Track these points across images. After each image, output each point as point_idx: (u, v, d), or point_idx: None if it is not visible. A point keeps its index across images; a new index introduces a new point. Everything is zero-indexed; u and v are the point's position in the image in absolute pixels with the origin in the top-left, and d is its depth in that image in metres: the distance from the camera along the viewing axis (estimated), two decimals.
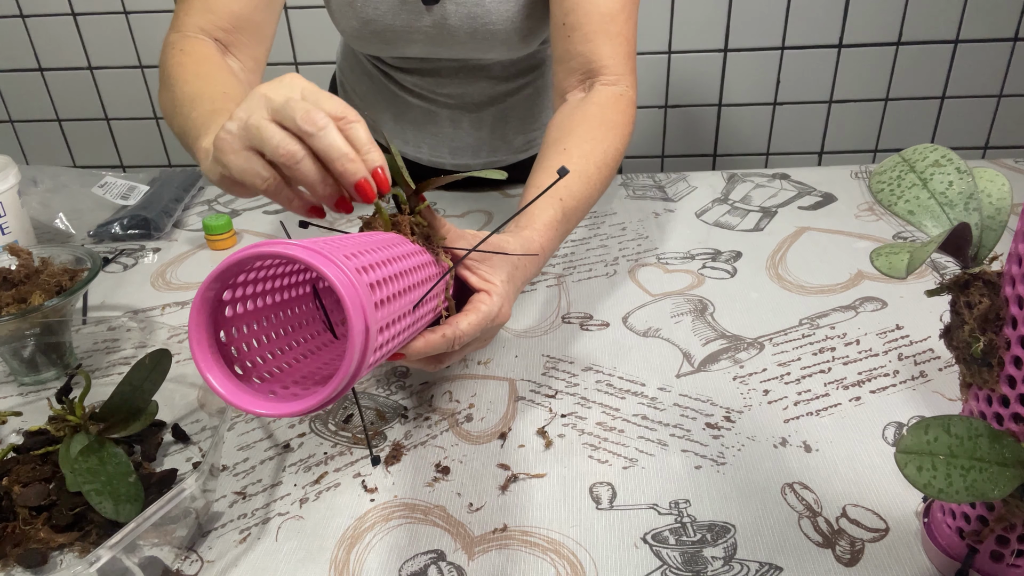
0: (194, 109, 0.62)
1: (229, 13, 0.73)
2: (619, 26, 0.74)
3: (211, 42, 0.73)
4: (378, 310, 0.40)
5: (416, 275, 0.48)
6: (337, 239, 0.43)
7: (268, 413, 0.38)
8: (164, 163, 1.90)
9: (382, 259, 0.43)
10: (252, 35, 0.74)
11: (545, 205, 0.64)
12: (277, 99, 0.48)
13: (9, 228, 0.81)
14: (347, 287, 0.37)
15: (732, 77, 1.70)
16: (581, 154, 0.68)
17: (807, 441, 0.58)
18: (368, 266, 0.41)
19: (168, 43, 0.72)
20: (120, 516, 0.48)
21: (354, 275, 0.38)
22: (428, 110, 0.97)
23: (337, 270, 0.37)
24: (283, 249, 0.37)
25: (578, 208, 0.67)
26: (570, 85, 0.76)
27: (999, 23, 1.63)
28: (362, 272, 0.40)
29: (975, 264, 0.41)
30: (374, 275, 0.41)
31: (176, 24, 0.74)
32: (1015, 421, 0.40)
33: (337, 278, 0.37)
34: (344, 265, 0.38)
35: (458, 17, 0.83)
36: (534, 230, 0.62)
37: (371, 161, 0.49)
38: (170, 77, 0.68)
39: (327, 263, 0.37)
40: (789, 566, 0.48)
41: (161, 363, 0.55)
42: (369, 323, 0.38)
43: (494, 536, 0.51)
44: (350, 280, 0.38)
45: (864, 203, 0.95)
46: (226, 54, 0.74)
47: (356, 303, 0.37)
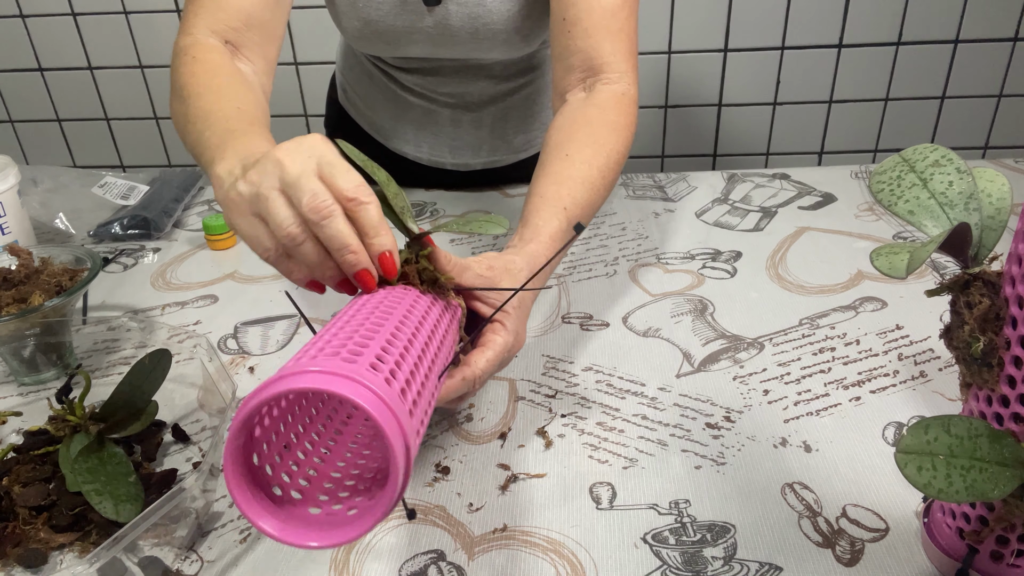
0: (207, 128, 0.60)
1: (240, 12, 0.71)
2: (621, 22, 0.72)
3: (222, 46, 0.71)
4: (413, 416, 0.38)
5: (435, 336, 0.47)
6: (347, 324, 0.42)
7: (322, 545, 0.37)
8: (164, 163, 1.90)
9: (403, 343, 0.42)
10: (263, 33, 0.73)
11: (550, 216, 0.62)
12: (291, 172, 0.47)
13: (9, 228, 0.81)
14: (385, 418, 0.35)
15: (732, 77, 1.70)
16: (583, 159, 0.67)
17: (807, 441, 0.58)
18: (394, 365, 0.39)
19: (179, 49, 0.71)
20: (120, 516, 0.48)
21: (385, 393, 0.36)
22: (428, 109, 0.97)
23: (371, 396, 0.35)
24: (310, 384, 0.35)
25: (583, 216, 0.66)
26: (570, 84, 0.74)
27: (999, 23, 1.63)
28: (391, 380, 0.38)
29: (975, 264, 0.41)
30: (401, 374, 0.39)
31: (186, 27, 0.72)
32: (1015, 421, 0.40)
33: (375, 409, 0.35)
34: (376, 387, 0.36)
35: (459, 17, 0.83)
36: (539, 243, 0.61)
37: (378, 246, 0.48)
38: (183, 88, 0.67)
39: (359, 391, 0.35)
40: (789, 566, 0.48)
41: (161, 363, 0.55)
42: (409, 442, 0.37)
43: (494, 536, 0.51)
44: (387, 408, 0.36)
45: (864, 203, 0.95)
46: (237, 57, 0.72)
47: (396, 432, 0.36)
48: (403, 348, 0.41)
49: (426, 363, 0.43)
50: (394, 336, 0.42)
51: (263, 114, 0.65)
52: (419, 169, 1.04)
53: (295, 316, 0.77)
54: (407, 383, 0.39)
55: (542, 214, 0.63)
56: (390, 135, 1.03)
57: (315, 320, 0.76)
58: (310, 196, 0.46)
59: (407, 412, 0.38)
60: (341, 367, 0.36)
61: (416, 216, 0.97)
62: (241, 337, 0.75)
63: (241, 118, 0.60)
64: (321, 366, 0.36)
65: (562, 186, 0.65)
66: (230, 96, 0.64)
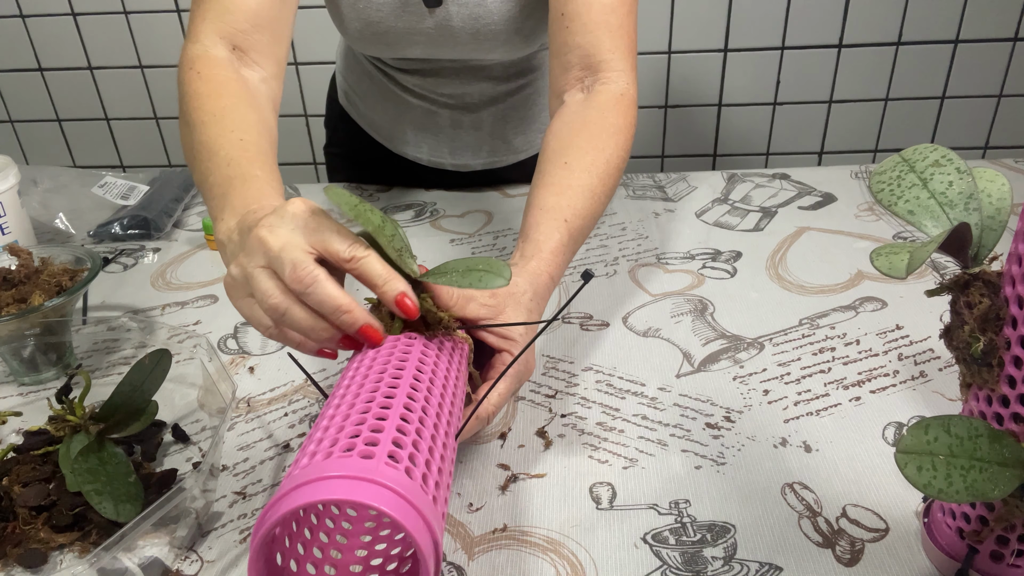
0: (210, 171, 0.59)
1: (247, 13, 0.69)
2: (620, 18, 0.71)
3: (229, 56, 0.69)
4: (436, 503, 0.38)
5: (447, 392, 0.46)
6: (357, 397, 0.41)
7: None
8: (164, 163, 1.90)
9: (418, 414, 0.41)
10: (271, 34, 0.72)
11: (551, 229, 0.61)
12: (273, 247, 0.47)
13: (9, 228, 0.81)
14: (412, 522, 0.35)
15: (732, 77, 1.70)
16: (583, 167, 0.65)
17: (807, 441, 0.58)
18: (413, 448, 0.38)
19: (186, 59, 0.68)
20: (120, 516, 0.48)
21: (407, 489, 0.35)
22: (428, 110, 0.97)
23: (392, 499, 0.35)
24: (332, 495, 0.34)
25: (584, 226, 0.64)
26: (568, 83, 0.72)
27: (999, 23, 1.63)
28: (412, 469, 0.37)
29: (975, 264, 0.41)
30: (421, 456, 0.38)
31: (193, 34, 0.69)
32: (1015, 421, 0.40)
33: (399, 513, 0.34)
34: (397, 486, 0.35)
35: (460, 18, 0.82)
36: (541, 260, 0.60)
37: (391, 291, 0.47)
38: (188, 112, 0.65)
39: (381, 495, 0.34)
40: (789, 566, 0.48)
41: (161, 363, 0.55)
42: (436, 536, 0.36)
43: (494, 536, 0.51)
44: (411, 507, 0.35)
45: (864, 203, 0.95)
46: (245, 62, 0.70)
47: (423, 531, 0.35)
48: (418, 423, 0.40)
49: (442, 431, 0.43)
50: (408, 410, 0.41)
51: (268, 140, 0.63)
52: (419, 169, 1.04)
53: None
54: (427, 465, 0.39)
55: (542, 228, 0.61)
56: (390, 136, 1.03)
57: None
58: (291, 267, 0.46)
59: (431, 501, 0.37)
60: (361, 468, 0.35)
61: (416, 216, 0.97)
62: (241, 337, 0.75)
63: (243, 155, 0.59)
64: (340, 469, 0.35)
65: (562, 196, 0.63)
66: (233, 125, 0.62)
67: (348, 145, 1.10)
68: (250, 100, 0.66)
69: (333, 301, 0.46)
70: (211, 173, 0.59)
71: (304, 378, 0.68)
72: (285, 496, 0.35)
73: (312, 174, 1.87)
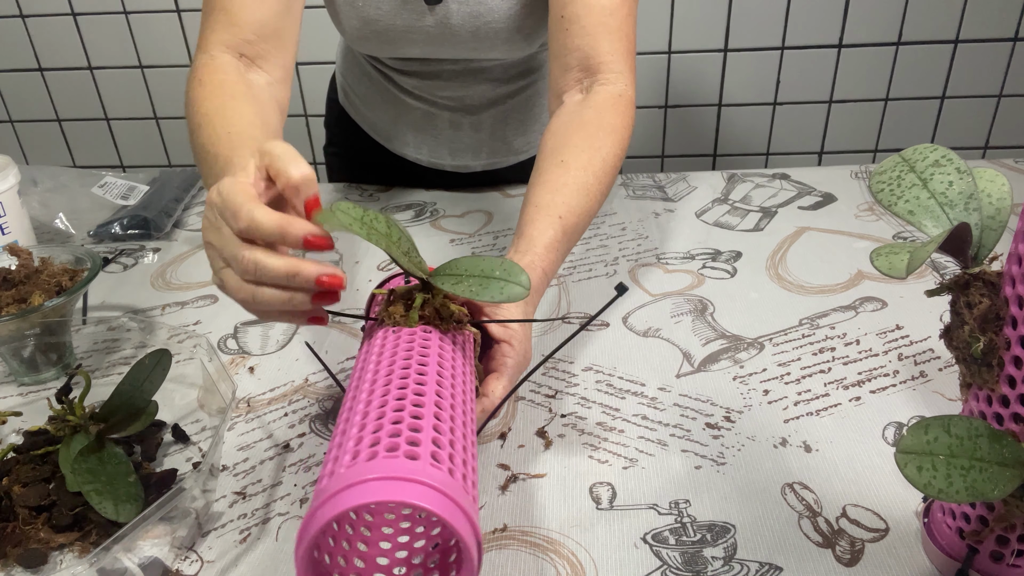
0: (209, 174, 0.60)
1: (253, 24, 0.71)
2: (619, 21, 0.72)
3: (235, 62, 0.70)
4: (475, 500, 0.38)
5: (466, 389, 0.46)
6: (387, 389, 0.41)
7: None
8: (164, 163, 1.90)
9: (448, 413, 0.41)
10: (277, 42, 0.73)
11: (544, 226, 0.62)
12: (215, 245, 0.48)
13: (9, 228, 0.81)
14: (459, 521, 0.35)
15: (732, 77, 1.70)
16: (579, 165, 0.66)
17: (807, 441, 0.58)
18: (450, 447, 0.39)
19: (191, 70, 0.70)
20: (120, 516, 0.48)
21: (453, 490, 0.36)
22: (428, 112, 0.97)
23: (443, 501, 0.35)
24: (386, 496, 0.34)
25: (579, 224, 0.65)
26: (567, 84, 0.73)
27: (999, 23, 1.63)
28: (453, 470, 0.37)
29: (975, 264, 0.41)
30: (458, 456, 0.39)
31: (202, 44, 0.71)
32: (1015, 421, 0.40)
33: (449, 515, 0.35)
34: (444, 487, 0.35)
35: (460, 16, 0.82)
36: (535, 255, 0.60)
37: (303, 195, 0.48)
38: (189, 118, 0.66)
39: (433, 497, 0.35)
40: (789, 566, 0.48)
41: (161, 363, 0.55)
42: (479, 535, 0.37)
43: (494, 536, 0.51)
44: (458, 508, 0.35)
45: (864, 203, 0.95)
46: (252, 69, 0.72)
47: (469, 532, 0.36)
48: (450, 421, 0.41)
49: (470, 429, 0.43)
50: (439, 407, 0.41)
51: (259, 128, 0.63)
52: (419, 170, 1.04)
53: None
54: (464, 464, 0.39)
55: (537, 224, 0.62)
56: (390, 136, 1.03)
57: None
58: (235, 264, 0.47)
59: (472, 500, 0.37)
60: (409, 469, 0.35)
61: (416, 216, 0.97)
62: (241, 337, 0.75)
63: (230, 147, 0.59)
64: (389, 470, 0.35)
65: (557, 194, 0.64)
66: (222, 121, 0.62)
67: (348, 145, 1.10)
68: (245, 95, 0.67)
69: (281, 270, 0.46)
70: (209, 176, 0.60)
71: (304, 378, 0.68)
72: (336, 495, 0.35)
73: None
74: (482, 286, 0.47)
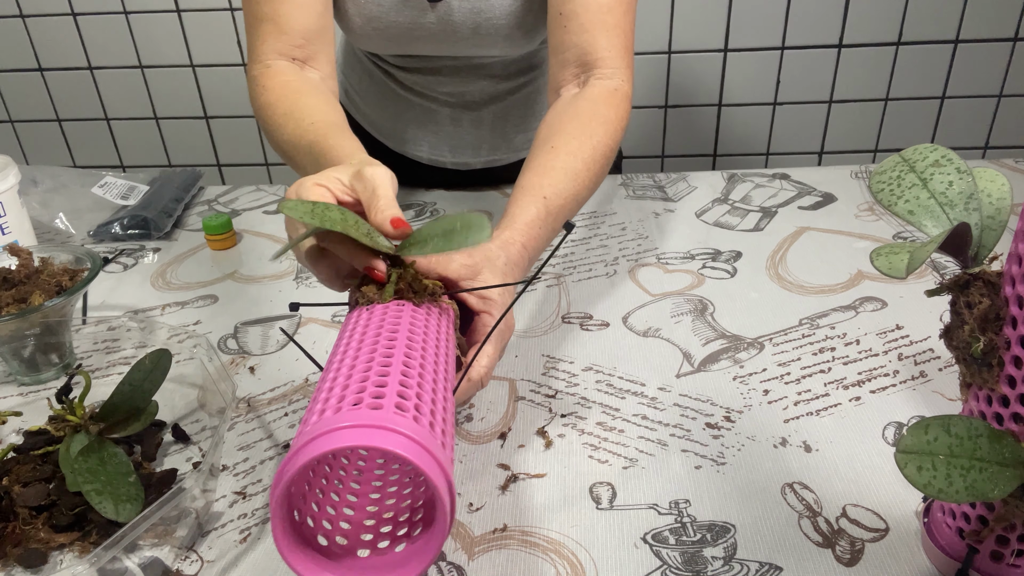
0: (299, 164, 0.67)
1: (300, 29, 0.74)
2: (617, 17, 0.73)
3: (289, 66, 0.74)
4: (446, 447, 0.39)
5: (440, 353, 0.47)
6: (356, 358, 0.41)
7: None
8: (164, 163, 1.90)
9: (416, 371, 0.42)
10: (322, 42, 0.76)
11: (527, 203, 0.63)
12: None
13: (9, 228, 0.81)
14: (426, 462, 0.36)
15: (732, 77, 1.70)
16: (569, 151, 0.67)
17: (807, 441, 0.58)
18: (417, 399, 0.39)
19: (251, 79, 0.75)
20: (120, 516, 0.48)
21: (418, 434, 0.36)
22: (428, 108, 0.97)
23: (408, 443, 0.36)
24: (349, 442, 0.35)
25: (565, 206, 0.66)
26: (565, 79, 0.75)
27: (999, 23, 1.63)
28: (419, 417, 0.38)
29: (975, 264, 0.41)
30: (425, 406, 0.39)
31: (253, 55, 0.75)
32: (1015, 421, 0.40)
33: (414, 455, 0.35)
34: (409, 431, 0.36)
35: (462, 13, 0.83)
36: (514, 230, 0.61)
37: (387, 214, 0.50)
38: (265, 123, 0.71)
39: (397, 440, 0.35)
40: (789, 566, 0.48)
41: (161, 363, 0.55)
42: (450, 477, 0.37)
43: (494, 536, 0.51)
44: (424, 450, 0.36)
45: (864, 203, 0.95)
46: (306, 68, 0.76)
47: (438, 473, 0.36)
48: (418, 377, 0.41)
49: (440, 385, 0.44)
50: (407, 367, 0.41)
51: (335, 112, 0.69)
52: (419, 168, 1.04)
53: (295, 316, 0.77)
54: (432, 414, 0.39)
55: (520, 203, 0.63)
56: (390, 134, 1.03)
57: (317, 321, 0.76)
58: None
59: (441, 446, 0.38)
60: (372, 417, 0.36)
61: (416, 216, 0.97)
62: (241, 337, 0.75)
63: (318, 134, 0.64)
64: (353, 419, 0.36)
65: (544, 176, 0.65)
66: (303, 114, 0.68)
67: None
68: (312, 89, 0.72)
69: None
70: (304, 164, 0.66)
71: (304, 378, 0.68)
72: (302, 448, 0.36)
73: None
74: (447, 240, 0.48)
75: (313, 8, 0.75)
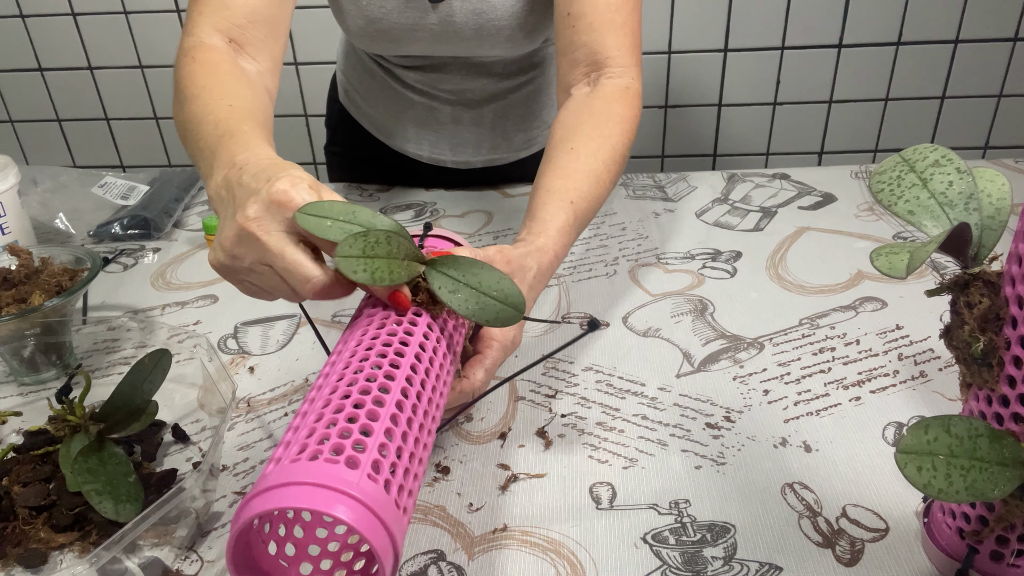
0: (200, 136, 0.59)
1: (244, 8, 0.70)
2: (624, 16, 0.73)
3: (225, 46, 0.69)
4: (406, 513, 0.39)
5: (440, 381, 0.46)
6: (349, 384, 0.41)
7: None
8: (164, 163, 1.90)
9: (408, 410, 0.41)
10: (268, 31, 0.72)
11: (556, 209, 0.63)
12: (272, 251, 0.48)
13: (9, 228, 0.81)
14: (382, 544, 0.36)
15: (732, 77, 1.70)
16: (589, 152, 0.67)
17: (807, 441, 0.58)
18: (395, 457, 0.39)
19: (181, 51, 0.69)
20: (120, 516, 0.48)
21: (374, 500, 0.36)
22: (429, 106, 0.98)
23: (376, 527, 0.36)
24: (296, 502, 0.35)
25: (589, 209, 0.66)
26: (575, 79, 0.75)
27: (999, 23, 1.63)
28: (391, 481, 0.38)
29: (975, 264, 0.41)
30: (401, 465, 0.39)
31: (189, 28, 0.70)
32: (1015, 421, 0.40)
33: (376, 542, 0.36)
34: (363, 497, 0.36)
35: (463, 14, 0.83)
36: (548, 237, 0.61)
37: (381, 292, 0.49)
38: (180, 91, 0.65)
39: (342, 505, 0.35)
40: (789, 566, 0.48)
41: (161, 363, 0.55)
42: (398, 547, 0.37)
43: (494, 536, 0.51)
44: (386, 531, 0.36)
45: (864, 203, 0.95)
46: (241, 55, 0.71)
47: (389, 553, 0.36)
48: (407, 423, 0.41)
49: (428, 427, 0.44)
50: (399, 408, 0.41)
51: (260, 109, 0.63)
52: (419, 168, 1.04)
53: (295, 316, 0.77)
54: (404, 474, 0.39)
55: (549, 208, 0.63)
56: (391, 133, 1.03)
57: (317, 320, 0.76)
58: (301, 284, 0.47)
59: (400, 513, 0.38)
60: (324, 475, 0.36)
61: (416, 216, 0.97)
62: (241, 337, 0.75)
63: (231, 116, 0.59)
64: (305, 475, 0.36)
65: (568, 180, 0.65)
66: (223, 94, 0.62)
67: (349, 144, 1.10)
68: (243, 77, 0.67)
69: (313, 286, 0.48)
70: (200, 139, 0.59)
71: (304, 378, 0.68)
72: (252, 499, 0.36)
73: (312, 174, 1.86)
74: (478, 304, 0.47)
75: None
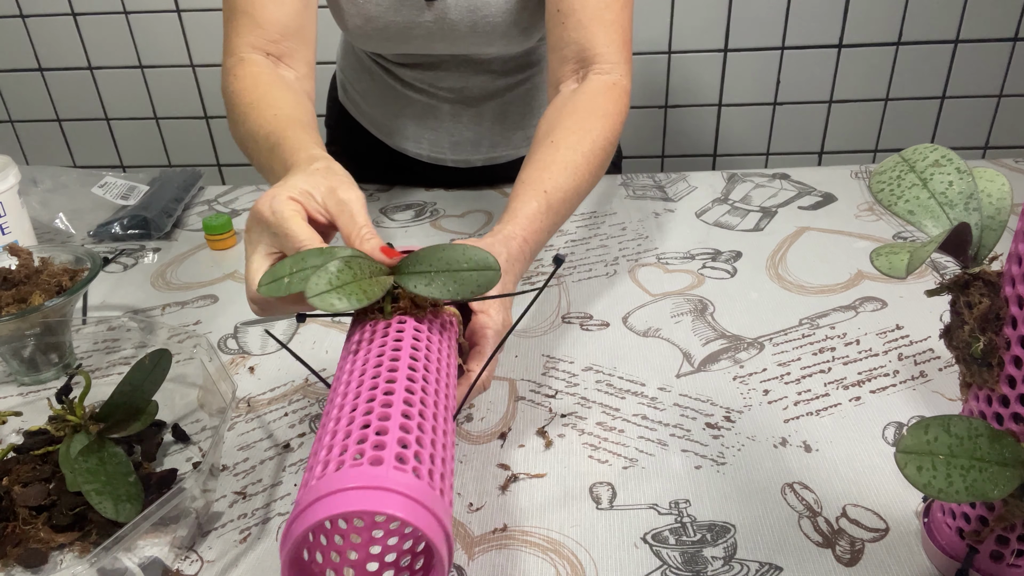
0: (258, 151, 0.65)
1: (276, 24, 0.74)
2: (615, 13, 0.73)
3: (263, 60, 0.74)
4: (444, 495, 0.39)
5: (442, 378, 0.46)
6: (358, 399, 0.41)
7: None
8: (164, 163, 1.90)
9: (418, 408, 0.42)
10: (300, 40, 0.76)
11: (528, 198, 0.63)
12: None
13: (9, 228, 0.81)
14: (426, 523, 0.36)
15: (732, 77, 1.70)
16: (568, 145, 0.67)
17: (807, 441, 0.58)
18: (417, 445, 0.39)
19: (224, 70, 0.74)
20: (120, 516, 0.48)
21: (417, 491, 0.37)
22: (428, 104, 0.98)
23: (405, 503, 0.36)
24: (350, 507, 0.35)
25: (566, 200, 0.66)
26: (564, 75, 0.75)
27: (999, 23, 1.63)
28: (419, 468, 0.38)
29: (975, 264, 0.41)
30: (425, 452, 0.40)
31: (228, 48, 0.75)
32: (1015, 421, 0.40)
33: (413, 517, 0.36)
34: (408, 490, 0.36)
35: (458, 11, 0.83)
36: (516, 224, 0.61)
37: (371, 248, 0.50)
38: (231, 111, 0.71)
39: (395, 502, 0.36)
40: (789, 566, 0.48)
41: (161, 363, 0.55)
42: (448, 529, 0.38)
43: (494, 536, 0.51)
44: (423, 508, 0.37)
45: (864, 203, 0.95)
46: (280, 66, 0.75)
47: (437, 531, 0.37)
48: (419, 418, 0.41)
49: (441, 416, 0.44)
50: (408, 404, 0.41)
51: (302, 111, 0.68)
52: (419, 167, 1.04)
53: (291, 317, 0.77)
54: (431, 459, 0.40)
55: (521, 197, 0.63)
56: (390, 132, 1.03)
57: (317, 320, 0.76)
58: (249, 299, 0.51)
59: (439, 496, 0.38)
60: (373, 477, 0.36)
61: (416, 216, 0.97)
62: (241, 337, 0.75)
63: (277, 128, 0.63)
64: (354, 480, 0.36)
65: (544, 171, 0.65)
66: (267, 106, 0.67)
67: (348, 143, 1.10)
68: (283, 85, 0.72)
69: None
70: (258, 154, 0.65)
71: (304, 378, 0.68)
72: (306, 510, 0.36)
73: None
74: (456, 282, 0.47)
75: (291, 5, 0.74)
